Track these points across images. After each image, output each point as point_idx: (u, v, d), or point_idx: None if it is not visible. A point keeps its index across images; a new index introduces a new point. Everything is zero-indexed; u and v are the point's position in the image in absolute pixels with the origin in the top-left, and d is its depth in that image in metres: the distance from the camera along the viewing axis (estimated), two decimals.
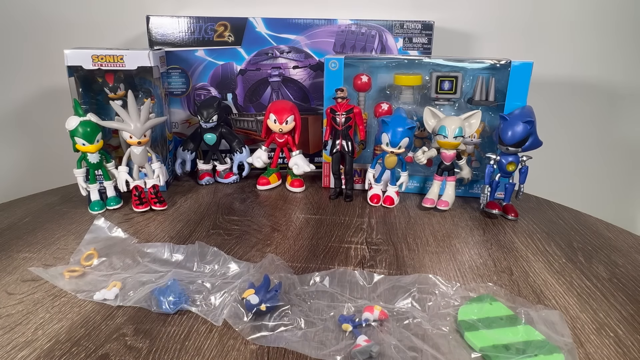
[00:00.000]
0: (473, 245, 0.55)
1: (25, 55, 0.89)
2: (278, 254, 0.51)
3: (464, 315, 0.40)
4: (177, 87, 0.81)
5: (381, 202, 0.69)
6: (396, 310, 0.40)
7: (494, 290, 0.44)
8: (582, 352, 0.36)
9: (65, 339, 0.37)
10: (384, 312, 0.39)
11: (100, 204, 0.65)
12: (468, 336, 0.37)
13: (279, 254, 0.51)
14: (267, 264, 0.46)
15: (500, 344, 0.36)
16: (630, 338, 0.38)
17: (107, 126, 0.63)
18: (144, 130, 0.63)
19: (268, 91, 0.83)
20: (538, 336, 0.37)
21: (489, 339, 0.37)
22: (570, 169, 0.95)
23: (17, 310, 0.41)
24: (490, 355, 0.35)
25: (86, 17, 0.88)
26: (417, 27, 0.79)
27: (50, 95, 0.92)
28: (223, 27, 0.78)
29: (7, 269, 0.48)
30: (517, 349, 0.35)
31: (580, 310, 0.42)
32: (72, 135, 0.61)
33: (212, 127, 0.74)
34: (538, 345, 0.36)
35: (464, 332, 0.37)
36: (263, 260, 0.47)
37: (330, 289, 0.43)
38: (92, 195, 0.65)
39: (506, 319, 0.39)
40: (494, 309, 0.41)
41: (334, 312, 0.40)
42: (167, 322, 0.39)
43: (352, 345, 0.36)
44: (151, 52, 0.68)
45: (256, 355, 0.35)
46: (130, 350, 0.36)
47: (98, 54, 0.66)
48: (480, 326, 0.38)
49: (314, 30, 0.79)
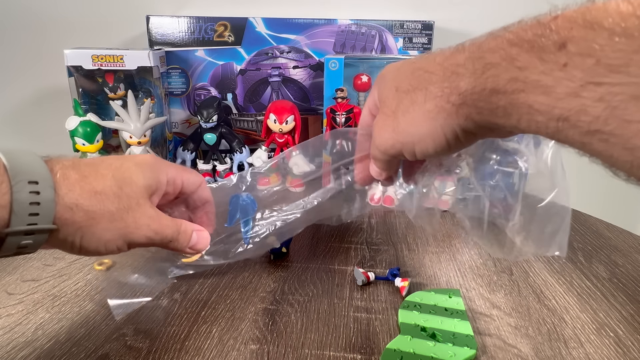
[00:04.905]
0: (473, 246, 0.55)
1: (25, 55, 0.89)
2: None
3: (411, 297, 0.42)
4: (177, 87, 0.81)
5: (381, 202, 0.69)
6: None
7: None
8: (582, 352, 0.36)
9: (65, 339, 0.37)
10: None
11: None
12: (400, 312, 0.40)
13: None
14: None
15: (420, 325, 0.37)
16: (630, 338, 0.38)
17: (107, 126, 0.63)
18: (144, 130, 0.63)
19: (268, 91, 0.83)
20: (467, 331, 0.37)
21: (414, 318, 0.38)
22: (571, 168, 0.95)
23: (17, 310, 0.41)
24: (404, 329, 0.37)
25: (86, 17, 0.88)
26: (417, 27, 0.79)
27: (50, 95, 0.92)
28: (223, 27, 0.78)
29: (7, 269, 0.48)
30: (435, 334, 0.36)
31: (580, 310, 0.42)
32: (72, 135, 0.61)
33: (212, 127, 0.74)
34: (458, 337, 0.36)
35: (399, 308, 0.40)
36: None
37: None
38: None
39: (450, 311, 0.40)
40: (446, 300, 0.42)
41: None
42: (167, 322, 0.39)
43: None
44: (151, 52, 0.68)
45: (256, 355, 0.35)
46: (130, 350, 0.36)
47: (98, 54, 0.66)
48: (416, 308, 0.40)
49: (314, 30, 0.79)
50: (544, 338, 0.38)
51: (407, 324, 0.38)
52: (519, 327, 0.39)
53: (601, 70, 0.18)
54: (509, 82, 0.22)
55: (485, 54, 0.24)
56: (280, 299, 0.43)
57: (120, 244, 0.31)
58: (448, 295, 0.42)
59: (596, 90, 0.18)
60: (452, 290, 0.43)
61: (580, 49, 0.19)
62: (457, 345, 0.35)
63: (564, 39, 0.20)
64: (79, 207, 0.29)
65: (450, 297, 0.42)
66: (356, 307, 0.42)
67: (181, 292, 0.44)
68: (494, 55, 0.23)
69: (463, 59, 0.26)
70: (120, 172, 0.32)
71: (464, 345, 0.36)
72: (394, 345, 0.35)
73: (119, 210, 0.30)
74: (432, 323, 0.38)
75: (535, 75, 0.21)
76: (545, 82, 0.20)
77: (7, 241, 0.26)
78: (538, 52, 0.21)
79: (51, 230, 0.28)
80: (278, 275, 0.47)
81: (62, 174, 0.29)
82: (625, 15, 0.18)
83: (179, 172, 0.38)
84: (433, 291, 0.43)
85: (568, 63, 0.20)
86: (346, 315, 0.40)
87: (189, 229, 0.36)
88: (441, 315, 0.39)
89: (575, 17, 0.20)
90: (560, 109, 0.20)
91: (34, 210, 0.26)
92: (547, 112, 0.21)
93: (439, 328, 0.37)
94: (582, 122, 0.19)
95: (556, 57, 0.20)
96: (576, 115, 0.19)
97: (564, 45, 0.20)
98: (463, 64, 0.26)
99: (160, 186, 0.35)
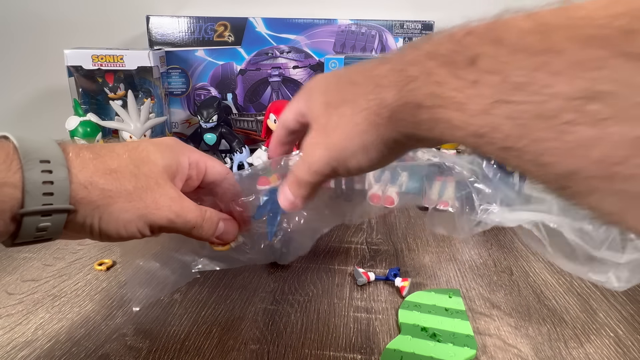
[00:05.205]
0: (473, 246, 0.55)
1: (25, 55, 0.89)
2: None
3: (411, 297, 0.42)
4: (177, 87, 0.81)
5: (381, 202, 0.69)
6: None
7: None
8: (582, 352, 0.36)
9: (65, 339, 0.37)
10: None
11: None
12: (400, 312, 0.40)
13: None
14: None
15: (420, 325, 0.37)
16: (631, 338, 0.38)
17: (107, 126, 0.63)
18: (144, 130, 0.63)
19: (268, 91, 0.83)
20: (467, 331, 0.37)
21: (414, 318, 0.38)
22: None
23: (17, 310, 0.41)
24: (404, 329, 0.37)
25: (86, 17, 0.88)
26: (417, 27, 0.79)
27: (50, 95, 0.92)
28: (223, 27, 0.78)
29: (7, 269, 0.48)
30: (435, 334, 0.36)
31: (580, 311, 0.42)
32: (72, 135, 0.61)
33: (212, 127, 0.74)
34: (458, 337, 0.36)
35: (399, 308, 0.40)
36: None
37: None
38: None
39: (450, 311, 0.40)
40: (446, 300, 0.42)
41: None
42: (167, 322, 0.39)
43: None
44: (151, 52, 0.68)
45: (256, 355, 0.35)
46: (130, 350, 0.36)
47: (98, 54, 0.66)
48: (416, 308, 0.40)
49: (314, 30, 0.79)
50: (544, 338, 0.38)
51: (407, 324, 0.38)
52: (519, 327, 0.39)
53: (507, 88, 0.18)
54: (429, 96, 0.22)
55: (406, 66, 0.24)
56: (280, 299, 0.43)
57: (141, 225, 0.30)
58: (448, 295, 0.42)
59: (504, 108, 0.18)
60: (452, 290, 0.43)
61: (488, 65, 0.19)
62: (457, 345, 0.35)
63: (474, 55, 0.20)
64: (94, 185, 0.28)
65: (450, 297, 0.42)
66: (356, 307, 0.42)
67: (181, 292, 0.44)
68: (414, 68, 0.23)
69: (386, 70, 0.25)
70: (137, 152, 0.31)
71: (464, 345, 0.36)
72: (394, 345, 0.35)
73: (136, 189, 0.29)
74: (432, 323, 0.38)
75: (449, 92, 0.21)
76: (459, 98, 0.20)
77: (24, 223, 0.26)
78: (451, 68, 0.21)
79: (68, 211, 0.27)
80: (278, 275, 0.47)
81: (74, 153, 0.28)
82: (526, 31, 0.18)
83: (203, 157, 0.36)
84: (433, 291, 0.43)
85: (478, 80, 0.19)
86: (346, 315, 0.40)
87: (215, 216, 0.35)
88: (441, 315, 0.39)
89: (484, 33, 0.20)
90: (475, 126, 0.20)
91: (47, 190, 0.26)
92: (464, 128, 0.20)
93: (439, 328, 0.38)
94: (496, 139, 0.19)
95: (467, 74, 0.20)
96: (490, 132, 0.19)
97: (474, 62, 0.20)
98: (386, 76, 0.25)
99: (181, 169, 0.34)
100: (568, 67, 0.16)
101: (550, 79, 0.17)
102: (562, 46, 0.17)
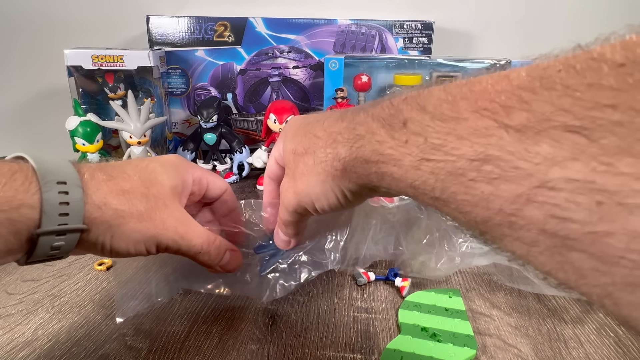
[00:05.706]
0: None
1: (26, 55, 0.89)
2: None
3: (411, 297, 0.42)
4: (177, 87, 0.81)
5: (381, 202, 0.69)
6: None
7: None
8: (582, 352, 0.36)
9: (65, 339, 0.37)
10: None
11: None
12: (400, 312, 0.40)
13: None
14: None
15: (420, 325, 0.38)
16: (630, 338, 0.38)
17: (107, 126, 0.63)
18: (144, 130, 0.63)
19: (268, 91, 0.83)
20: (467, 331, 0.37)
21: (414, 318, 0.38)
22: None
23: (17, 310, 0.41)
24: (404, 329, 0.37)
25: (86, 17, 0.88)
26: (417, 27, 0.79)
27: (50, 95, 0.92)
28: (223, 27, 0.78)
29: (7, 268, 0.48)
30: (435, 334, 0.37)
31: (580, 311, 0.42)
32: (72, 135, 0.61)
33: (212, 127, 0.74)
34: (458, 337, 0.36)
35: (399, 308, 0.40)
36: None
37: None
38: None
39: (450, 311, 0.40)
40: (446, 300, 0.42)
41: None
42: (167, 322, 0.39)
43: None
44: (151, 52, 0.68)
45: (256, 355, 0.35)
46: (130, 350, 0.36)
47: (98, 54, 0.66)
48: (416, 308, 0.40)
49: (314, 30, 0.79)
50: (544, 338, 0.38)
51: (407, 324, 0.38)
52: (519, 327, 0.39)
53: (429, 148, 0.21)
54: (373, 153, 0.25)
55: (356, 126, 0.27)
56: (280, 299, 0.43)
57: (150, 245, 0.31)
58: (448, 295, 0.42)
59: (428, 164, 0.21)
60: (452, 290, 0.43)
61: (415, 128, 0.22)
62: (457, 345, 0.35)
63: (405, 119, 0.23)
64: (108, 206, 0.29)
65: (450, 297, 0.42)
66: (356, 307, 0.42)
67: (181, 292, 0.44)
68: (362, 127, 0.26)
69: (342, 127, 0.28)
70: (146, 173, 0.32)
71: (464, 345, 0.36)
72: (394, 345, 0.35)
73: (147, 210, 0.31)
74: (432, 323, 0.38)
75: (388, 149, 0.24)
76: (396, 155, 0.23)
77: (39, 242, 0.27)
78: (389, 129, 0.24)
79: (82, 231, 0.28)
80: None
81: (89, 174, 0.29)
82: (442, 100, 0.21)
83: (205, 173, 0.38)
84: (433, 291, 0.43)
85: (408, 140, 0.22)
86: (346, 315, 0.40)
87: (223, 245, 0.36)
88: (441, 315, 0.39)
89: (413, 99, 0.23)
90: (410, 179, 0.23)
91: (63, 210, 0.27)
92: (402, 180, 0.23)
93: (439, 328, 0.38)
94: (427, 190, 0.22)
95: (400, 135, 0.23)
96: (421, 185, 0.22)
97: (405, 124, 0.23)
98: (341, 133, 0.28)
99: (186, 186, 0.35)
100: (469, 133, 0.19)
101: (457, 142, 0.20)
102: (466, 115, 0.20)
